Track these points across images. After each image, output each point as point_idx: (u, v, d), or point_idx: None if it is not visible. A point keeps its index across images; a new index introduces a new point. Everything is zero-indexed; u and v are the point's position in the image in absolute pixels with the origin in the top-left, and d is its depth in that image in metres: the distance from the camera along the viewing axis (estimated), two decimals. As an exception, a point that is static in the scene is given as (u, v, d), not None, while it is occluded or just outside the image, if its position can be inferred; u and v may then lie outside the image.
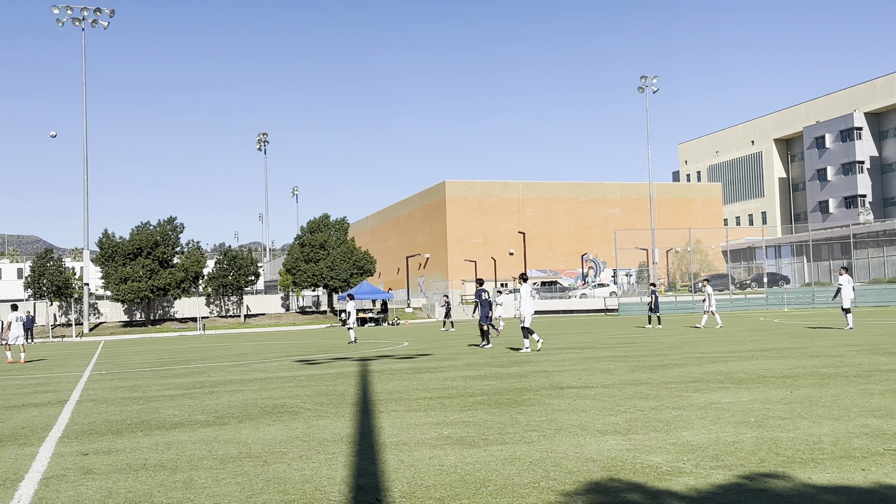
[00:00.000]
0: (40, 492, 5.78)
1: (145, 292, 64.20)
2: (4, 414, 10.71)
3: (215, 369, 17.92)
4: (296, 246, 72.24)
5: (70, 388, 14.39)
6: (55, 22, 64.29)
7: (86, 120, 65.52)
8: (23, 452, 7.50)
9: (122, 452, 7.30)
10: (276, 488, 5.65)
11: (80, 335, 60.95)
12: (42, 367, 22.60)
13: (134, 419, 9.59)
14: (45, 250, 68.98)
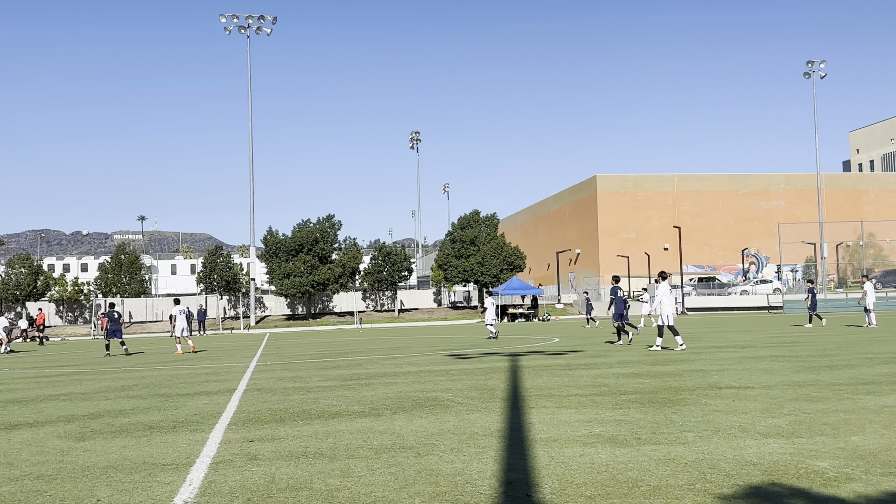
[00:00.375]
0: (210, 476, 6.14)
1: (306, 287, 66.94)
2: (179, 401, 11.46)
3: (371, 362, 18.46)
4: (447, 242, 73.28)
5: (238, 378, 15.21)
6: (223, 30, 68.05)
7: (251, 123, 69.03)
8: (195, 438, 7.99)
9: (285, 440, 7.64)
10: (428, 480, 5.76)
11: (247, 328, 64.34)
12: (212, 357, 24.01)
13: (295, 408, 10.01)
14: (215, 247, 73.26)
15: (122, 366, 20.91)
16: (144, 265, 74.20)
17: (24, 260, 67.94)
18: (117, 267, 69.57)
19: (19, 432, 8.80)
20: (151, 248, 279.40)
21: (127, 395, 12.71)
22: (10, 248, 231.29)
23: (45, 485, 5.99)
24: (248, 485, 5.78)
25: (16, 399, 12.66)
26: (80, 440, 8.08)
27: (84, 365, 22.19)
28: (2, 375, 18.87)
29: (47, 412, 10.64)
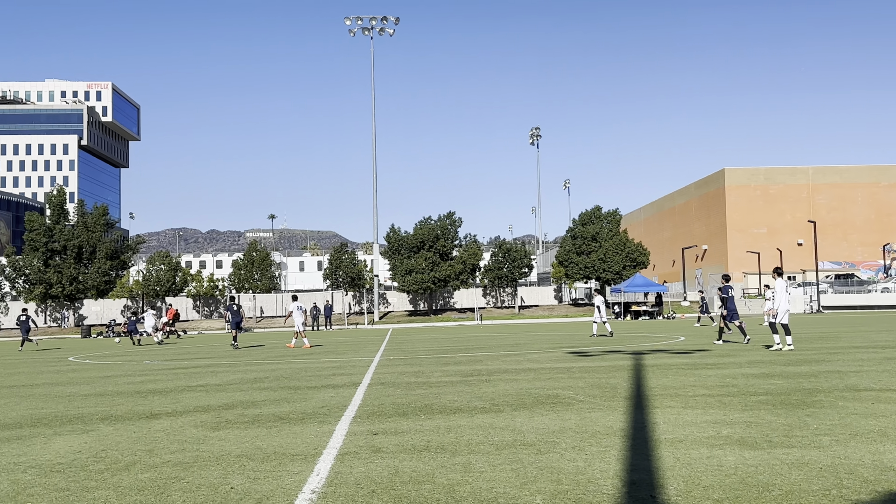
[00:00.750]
0: (336, 466, 6.31)
1: (427, 283, 67.77)
2: (307, 394, 11.82)
3: (491, 358, 18.51)
4: (568, 238, 72.57)
5: (362, 372, 15.56)
6: (346, 33, 69.70)
7: (374, 123, 70.42)
8: (322, 430, 8.23)
9: (407, 434, 7.76)
10: (549, 477, 5.73)
11: (371, 323, 65.71)
12: (338, 351, 24.65)
13: (418, 403, 10.16)
14: (340, 244, 75.16)
15: (254, 358, 21.75)
16: (274, 262, 76.95)
17: (164, 257, 71.68)
18: (249, 263, 72.40)
19: (159, 421, 9.30)
20: (281, 245, 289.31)
21: (258, 386, 13.21)
22: (151, 246, 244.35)
23: (182, 472, 6.31)
24: (372, 476, 5.91)
25: (156, 390, 13.37)
26: (215, 429, 8.46)
27: (219, 357, 23.22)
28: (144, 367, 19.98)
29: (185, 402, 11.19)
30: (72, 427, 8.97)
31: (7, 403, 11.77)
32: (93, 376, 17.06)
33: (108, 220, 70.32)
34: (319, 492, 5.48)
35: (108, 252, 68.01)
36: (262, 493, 5.49)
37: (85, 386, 14.55)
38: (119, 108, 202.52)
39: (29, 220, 68.24)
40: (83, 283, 66.93)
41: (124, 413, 10.12)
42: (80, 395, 12.66)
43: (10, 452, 7.38)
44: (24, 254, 68.31)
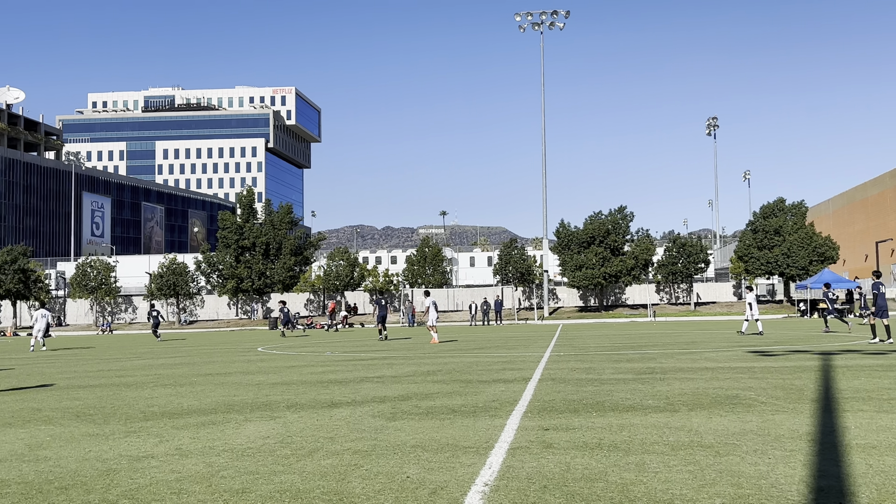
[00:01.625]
0: (507, 461, 6.36)
1: (598, 279, 66.85)
2: (478, 388, 11.98)
3: (666, 356, 18.02)
4: (748, 232, 69.39)
5: (532, 368, 15.57)
6: (517, 28, 69.94)
7: (544, 118, 70.22)
8: (493, 423, 8.31)
9: (579, 430, 7.70)
10: (729, 480, 5.51)
11: (541, 318, 65.62)
12: (508, 346, 24.80)
13: (589, 400, 10.05)
14: (510, 240, 75.54)
15: (428, 352, 22.27)
16: (446, 257, 78.44)
17: (342, 253, 74.77)
18: (422, 259, 74.19)
19: (339, 410, 9.71)
20: (452, 241, 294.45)
21: (432, 379, 13.52)
22: (331, 243, 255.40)
23: (361, 459, 6.56)
24: (544, 472, 5.90)
25: (336, 380, 13.97)
26: (392, 420, 8.74)
27: (394, 350, 23.95)
28: (325, 359, 20.92)
29: (363, 393, 11.63)
30: (260, 414, 9.54)
31: (203, 390, 12.68)
32: (279, 366, 18.06)
33: (292, 218, 74.17)
34: (492, 485, 5.54)
35: (292, 248, 71.74)
36: (437, 484, 5.61)
37: (272, 375, 15.43)
38: (302, 111, 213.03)
39: (222, 219, 73.14)
40: (270, 278, 70.96)
41: (307, 402, 10.65)
42: (268, 384, 13.43)
43: (205, 436, 7.95)
44: (217, 250, 73.29)
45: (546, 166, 69.76)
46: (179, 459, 6.72)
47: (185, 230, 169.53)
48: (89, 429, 8.61)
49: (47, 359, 24.62)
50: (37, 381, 15.59)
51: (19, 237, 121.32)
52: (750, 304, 28.59)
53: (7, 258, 71.20)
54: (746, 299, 28.83)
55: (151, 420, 9.20)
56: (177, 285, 72.14)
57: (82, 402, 11.22)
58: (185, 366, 19.03)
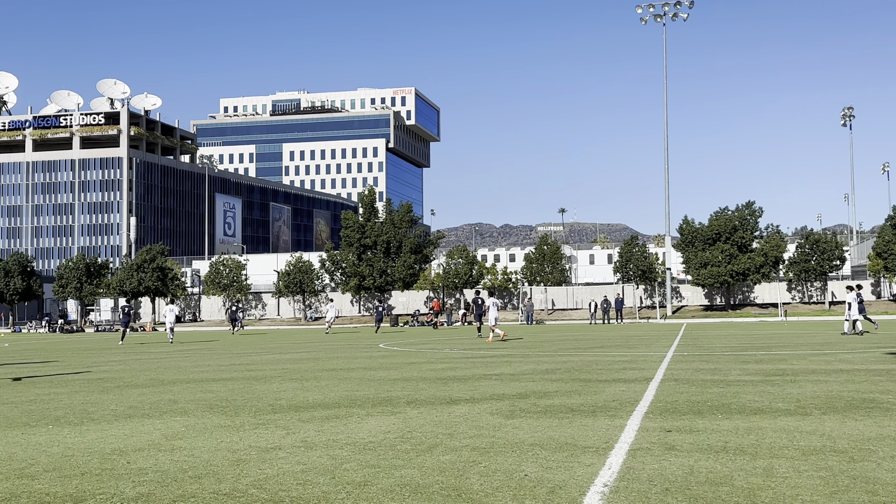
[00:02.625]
0: (628, 462, 6.26)
1: (724, 277, 64.77)
2: (597, 387, 11.83)
3: (797, 357, 17.28)
4: (887, 227, 65.67)
5: (654, 368, 15.25)
6: (638, 21, 68.55)
7: (666, 111, 68.58)
8: (613, 424, 8.19)
9: (703, 433, 7.49)
10: (863, 487, 5.24)
11: (663, 317, 64.14)
12: (629, 345, 24.37)
13: (714, 401, 9.76)
14: (631, 237, 74.18)
15: (546, 350, 22.16)
16: (565, 255, 77.78)
17: (461, 251, 75.31)
18: (541, 257, 73.83)
19: (458, 407, 9.79)
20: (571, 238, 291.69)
21: (550, 377, 13.45)
22: (450, 241, 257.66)
23: (479, 456, 6.60)
24: (665, 474, 5.78)
25: (455, 377, 14.10)
26: (510, 417, 8.74)
27: (512, 348, 23.95)
28: (444, 355, 21.14)
29: (481, 390, 11.68)
30: (381, 409, 9.74)
31: (328, 385, 13.04)
32: (400, 362, 18.37)
33: (412, 216, 75.27)
34: (611, 486, 5.46)
35: (412, 246, 72.80)
36: (555, 483, 5.58)
37: (393, 371, 15.72)
38: (421, 111, 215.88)
39: (344, 218, 74.98)
40: (391, 276, 72.24)
41: (427, 398, 10.79)
42: (389, 380, 13.69)
43: (329, 429, 8.18)
44: (340, 249, 75.21)
45: (668, 161, 68.15)
46: (305, 451, 6.94)
47: (311, 229, 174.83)
48: (221, 420, 9.01)
49: (183, 353, 25.89)
50: (173, 374, 16.42)
51: (157, 237, 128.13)
52: (849, 305, 28.12)
53: (146, 257, 75.30)
54: (846, 299, 28.38)
55: (279, 413, 9.53)
56: (303, 283, 74.46)
57: (215, 395, 11.74)
58: (310, 361, 19.62)
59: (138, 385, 13.75)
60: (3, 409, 10.45)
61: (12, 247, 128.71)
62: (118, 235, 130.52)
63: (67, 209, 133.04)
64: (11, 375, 16.60)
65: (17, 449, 7.36)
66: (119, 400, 11.34)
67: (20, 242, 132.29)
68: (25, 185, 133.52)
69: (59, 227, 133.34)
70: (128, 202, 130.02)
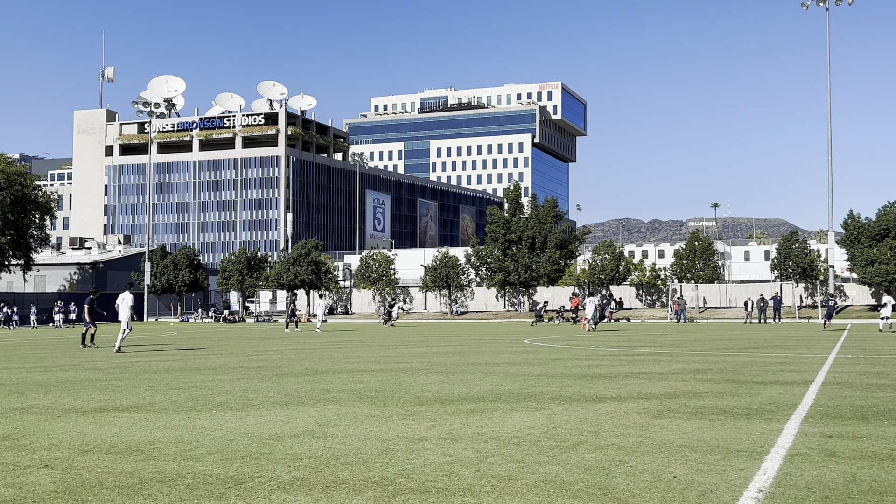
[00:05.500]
0: (785, 467, 5.99)
1: (893, 275, 60.66)
2: (752, 389, 11.36)
3: (977, 363, 15.96)
4: None
5: (815, 370, 14.50)
6: (799, 6, 65.16)
7: (829, 99, 64.88)
8: (768, 427, 7.85)
9: (867, 439, 7.07)
10: None
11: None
12: (788, 346, 23.25)
13: (880, 406, 9.18)
14: (790, 233, 70.66)
15: (696, 349, 21.49)
16: (717, 251, 75.02)
17: (608, 247, 74.09)
18: (691, 253, 71.56)
19: (604, 405, 9.66)
20: (724, 234, 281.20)
21: (701, 378, 13.04)
22: (596, 237, 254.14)
23: (626, 455, 6.49)
24: (825, 482, 5.49)
25: (601, 374, 13.91)
26: (658, 417, 8.54)
27: (661, 346, 23.37)
28: (590, 352, 20.89)
29: (628, 388, 11.47)
30: (526, 404, 9.74)
31: (473, 379, 13.18)
32: (544, 358, 18.31)
33: (557, 212, 74.73)
34: (766, 491, 5.25)
35: (557, 242, 72.29)
36: (706, 486, 5.42)
37: (538, 367, 15.69)
38: (567, 105, 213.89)
39: (490, 214, 75.38)
40: (536, 271, 72.04)
41: (572, 394, 10.70)
42: (534, 375, 13.67)
43: (474, 423, 8.26)
44: (486, 244, 75.68)
45: (832, 152, 64.43)
46: (450, 443, 7.05)
47: (457, 224, 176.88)
48: (371, 410, 9.28)
49: (336, 345, 26.83)
50: (326, 364, 17.05)
51: (312, 232, 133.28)
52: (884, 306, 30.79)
53: (301, 251, 78.46)
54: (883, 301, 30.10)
55: (425, 405, 9.72)
56: (448, 277, 75.46)
57: (365, 386, 12.11)
58: (456, 355, 19.88)
59: (294, 374, 14.37)
60: (171, 394, 11.18)
61: (181, 241, 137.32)
62: (276, 230, 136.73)
63: (230, 206, 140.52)
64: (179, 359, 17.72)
65: (182, 432, 7.86)
66: (276, 387, 11.90)
67: (188, 237, 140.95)
68: (193, 183, 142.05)
69: (222, 223, 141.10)
70: (285, 199, 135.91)
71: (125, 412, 9.30)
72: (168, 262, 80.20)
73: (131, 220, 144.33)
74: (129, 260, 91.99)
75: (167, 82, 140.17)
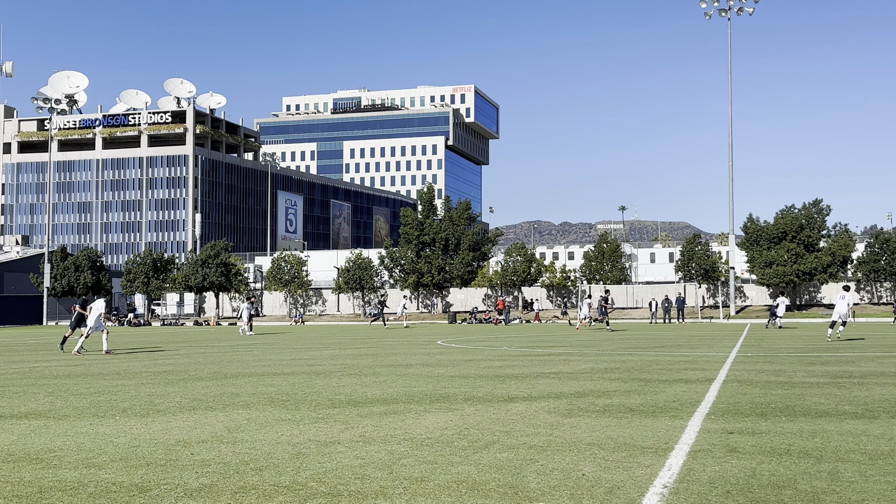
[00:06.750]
0: (688, 463, 6.17)
1: (790, 276, 63.31)
2: (657, 387, 11.68)
3: (865, 359, 16.81)
4: (963, 226, 63.40)
5: (716, 368, 15.00)
6: (702, 15, 67.42)
7: (731, 107, 67.34)
8: (673, 424, 8.09)
9: (766, 435, 7.35)
10: (935, 496, 5.08)
11: (727, 317, 62.99)
12: (691, 345, 24.00)
13: (778, 403, 9.57)
14: (693, 235, 72.96)
15: (605, 349, 21.96)
16: (625, 253, 76.90)
17: (520, 249, 75.03)
18: (600, 255, 73.14)
19: (515, 405, 9.78)
20: (631, 236, 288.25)
21: (609, 377, 13.33)
22: (508, 239, 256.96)
23: (536, 454, 6.58)
24: (727, 476, 5.69)
25: (513, 375, 14.07)
26: (568, 416, 8.70)
27: (570, 346, 23.79)
28: (502, 353, 21.11)
29: (539, 388, 11.64)
30: (439, 405, 9.77)
31: (386, 381, 13.14)
32: (457, 359, 18.41)
33: (470, 214, 75.26)
34: (671, 487, 5.40)
35: (470, 244, 72.81)
36: (613, 483, 5.54)
37: (451, 368, 15.76)
38: (480, 108, 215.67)
39: (403, 216, 75.38)
40: (449, 273, 72.38)
41: (484, 395, 10.79)
42: (447, 377, 13.73)
43: (387, 425, 8.24)
44: (399, 246, 75.63)
45: (733, 158, 66.87)
46: (363, 446, 7.02)
47: (370, 226, 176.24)
48: (282, 414, 9.15)
49: (246, 347, 26.36)
50: (236, 368, 16.73)
51: (221, 233, 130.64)
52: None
53: (210, 253, 76.81)
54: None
55: (338, 407, 9.65)
56: (362, 279, 75.11)
57: (276, 389, 11.94)
58: (369, 357, 19.79)
59: (202, 378, 14.05)
60: (72, 400, 10.78)
61: (83, 242, 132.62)
62: (184, 231, 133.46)
63: (135, 206, 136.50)
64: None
65: (84, 439, 7.59)
66: (183, 392, 11.61)
67: (90, 238, 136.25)
68: (96, 182, 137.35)
69: (127, 224, 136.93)
70: (193, 199, 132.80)
71: (24, 419, 8.93)
72: (69, 263, 77.38)
73: (30, 221, 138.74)
74: (28, 262, 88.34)
75: (69, 78, 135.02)
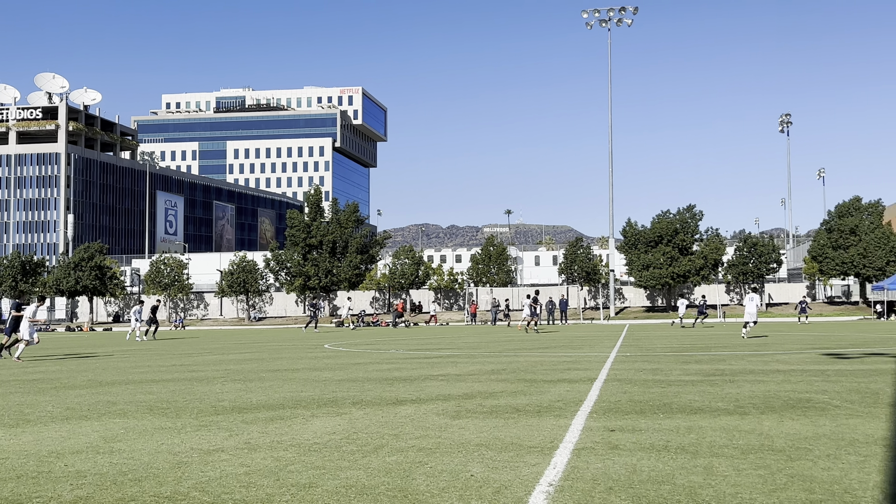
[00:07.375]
0: (573, 461, 6.32)
1: (666, 279, 65.87)
2: (543, 387, 11.92)
3: (736, 358, 17.66)
4: (822, 232, 67.58)
5: (598, 368, 15.43)
6: (583, 25, 69.38)
7: (611, 116, 69.52)
8: (558, 423, 8.26)
9: (646, 432, 7.60)
10: (800, 486, 5.38)
11: (607, 318, 64.97)
12: (574, 346, 24.62)
13: (656, 401, 9.92)
14: (575, 239, 74.97)
15: (492, 350, 22.25)
16: (510, 256, 78.22)
17: (408, 251, 75.19)
18: (486, 258, 74.14)
19: (404, 407, 9.78)
20: (517, 240, 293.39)
21: (496, 378, 13.51)
22: (396, 241, 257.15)
23: (425, 456, 6.59)
24: (609, 473, 5.85)
25: (401, 377, 14.07)
26: (456, 418, 8.76)
27: (458, 348, 24.00)
28: (390, 356, 21.08)
29: (427, 390, 11.68)
30: (327, 410, 9.67)
31: (272, 386, 12.90)
32: (345, 363, 18.27)
33: (358, 216, 74.90)
34: (556, 485, 5.51)
35: (358, 247, 72.46)
36: (501, 483, 5.61)
37: (338, 371, 15.62)
38: (368, 111, 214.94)
39: (290, 218, 74.27)
40: (337, 276, 71.80)
41: (373, 398, 10.75)
42: (335, 381, 13.60)
43: (273, 431, 8.09)
44: (285, 248, 74.48)
45: (613, 165, 69.10)
46: (248, 453, 6.86)
47: (255, 228, 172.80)
48: (162, 422, 8.84)
49: (123, 354, 25.37)
50: (112, 375, 16.07)
51: (96, 235, 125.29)
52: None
53: (84, 255, 73.57)
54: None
55: (222, 414, 9.40)
56: (247, 283, 73.55)
57: (155, 396, 11.53)
58: (254, 362, 19.39)
59: (76, 386, 13.43)
60: (-68, 412, 10.10)
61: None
62: (55, 233, 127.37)
63: (2, 206, 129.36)
64: (-58, 377, 16.04)
65: (-53, 452, 7.12)
66: (56, 401, 11.06)
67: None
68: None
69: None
70: (65, 199, 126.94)
71: None
72: (-72, 266, 72.62)
73: None
74: None
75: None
